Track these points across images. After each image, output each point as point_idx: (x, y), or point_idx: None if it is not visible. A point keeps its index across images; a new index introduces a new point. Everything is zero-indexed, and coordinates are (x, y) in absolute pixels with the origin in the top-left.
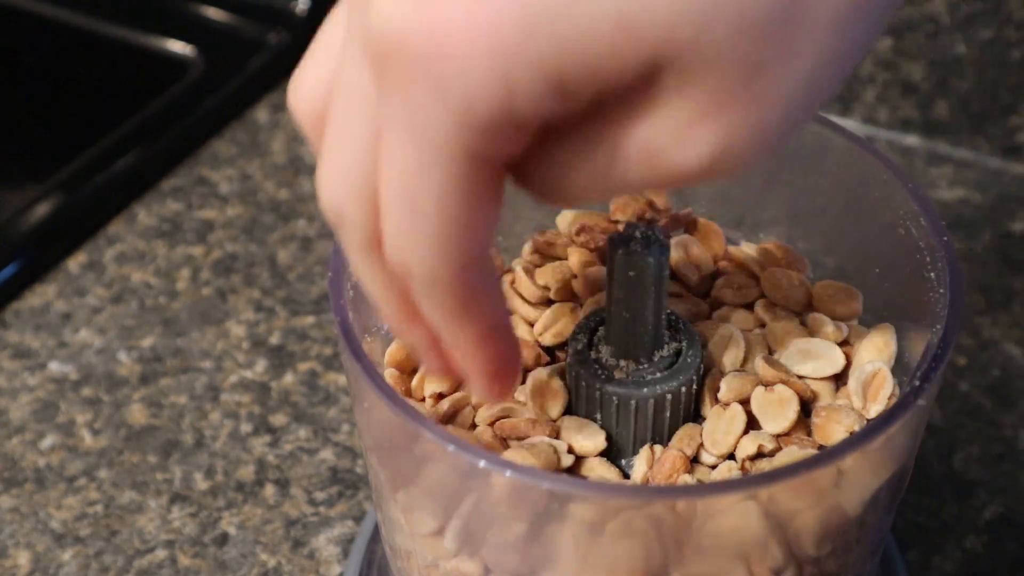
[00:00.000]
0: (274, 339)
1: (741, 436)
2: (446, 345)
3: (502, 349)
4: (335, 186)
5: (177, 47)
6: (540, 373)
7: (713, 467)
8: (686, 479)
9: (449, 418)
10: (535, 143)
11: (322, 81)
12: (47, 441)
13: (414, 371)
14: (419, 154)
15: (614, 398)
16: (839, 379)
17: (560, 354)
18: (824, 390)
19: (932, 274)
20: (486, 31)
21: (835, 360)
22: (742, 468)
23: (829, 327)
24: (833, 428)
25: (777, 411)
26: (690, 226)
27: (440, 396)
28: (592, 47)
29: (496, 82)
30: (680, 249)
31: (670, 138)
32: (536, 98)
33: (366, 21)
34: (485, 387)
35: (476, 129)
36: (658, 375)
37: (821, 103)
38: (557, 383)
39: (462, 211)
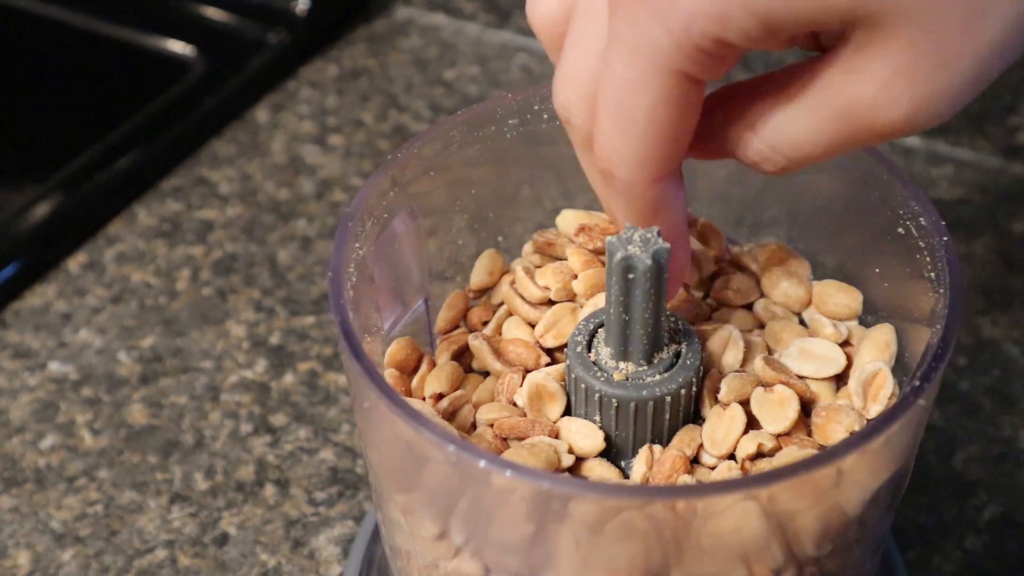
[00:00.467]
0: (274, 339)
1: (741, 436)
2: None
3: (678, 255)
4: (565, 89)
5: (177, 47)
6: (538, 375)
7: (713, 467)
8: (686, 479)
9: (448, 418)
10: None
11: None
12: (47, 441)
13: (414, 371)
14: (638, 70)
15: (613, 400)
16: (839, 379)
17: (560, 355)
18: (824, 390)
19: (932, 274)
20: None
21: (835, 360)
22: (742, 468)
23: (829, 327)
24: (833, 428)
25: (777, 411)
26: (690, 226)
27: (440, 396)
28: None
29: (713, 13)
30: None
31: (870, 93)
32: (744, 30)
33: None
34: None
35: (690, 51)
36: (657, 377)
37: (1009, 60)
38: (555, 385)
39: (667, 123)
